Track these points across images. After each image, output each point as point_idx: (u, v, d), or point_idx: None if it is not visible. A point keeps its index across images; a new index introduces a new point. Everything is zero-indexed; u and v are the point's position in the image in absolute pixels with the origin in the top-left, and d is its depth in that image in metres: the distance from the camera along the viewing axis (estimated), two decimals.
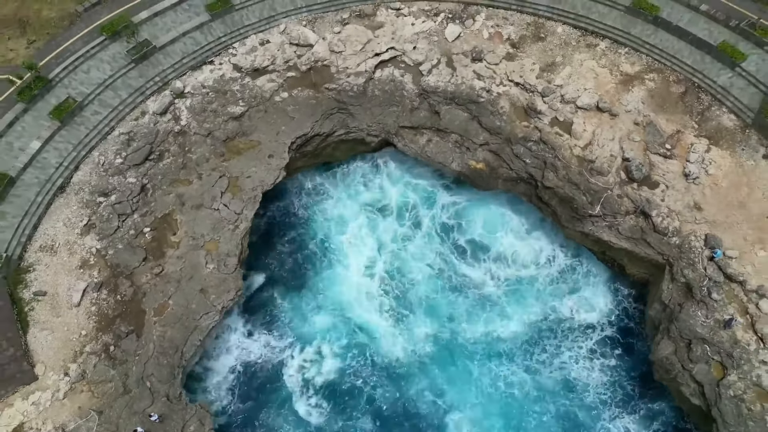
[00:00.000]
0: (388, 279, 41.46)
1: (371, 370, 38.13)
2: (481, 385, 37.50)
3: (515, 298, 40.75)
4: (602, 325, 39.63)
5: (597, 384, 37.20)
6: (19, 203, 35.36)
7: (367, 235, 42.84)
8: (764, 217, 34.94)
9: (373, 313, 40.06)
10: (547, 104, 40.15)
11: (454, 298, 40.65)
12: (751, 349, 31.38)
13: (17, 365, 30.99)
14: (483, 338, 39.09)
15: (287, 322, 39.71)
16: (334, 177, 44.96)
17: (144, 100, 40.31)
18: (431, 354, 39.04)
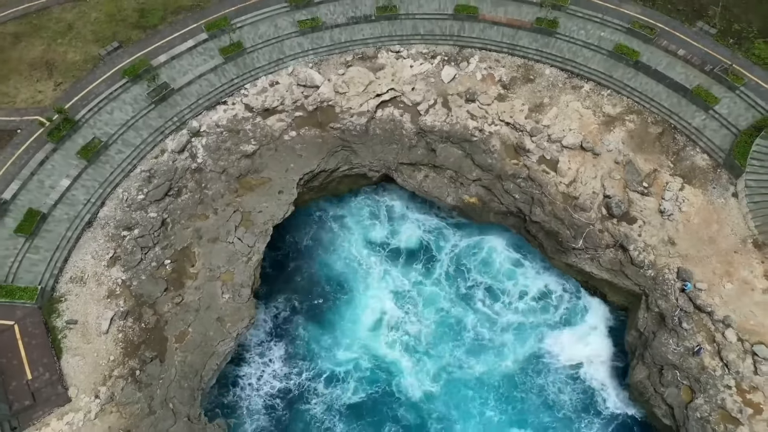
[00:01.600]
0: (393, 306, 44.89)
1: (385, 397, 41.18)
2: (477, 408, 40.73)
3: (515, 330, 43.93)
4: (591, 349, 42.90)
5: (579, 403, 40.37)
6: (50, 238, 38.67)
7: (370, 259, 46.24)
8: (732, 252, 38.24)
9: (384, 344, 43.32)
10: (535, 143, 43.51)
11: (461, 326, 44.10)
12: (717, 375, 34.66)
13: (53, 389, 34.23)
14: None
15: (302, 352, 42.83)
16: (340, 209, 48.35)
17: (163, 139, 43.65)
18: (439, 385, 42.15)
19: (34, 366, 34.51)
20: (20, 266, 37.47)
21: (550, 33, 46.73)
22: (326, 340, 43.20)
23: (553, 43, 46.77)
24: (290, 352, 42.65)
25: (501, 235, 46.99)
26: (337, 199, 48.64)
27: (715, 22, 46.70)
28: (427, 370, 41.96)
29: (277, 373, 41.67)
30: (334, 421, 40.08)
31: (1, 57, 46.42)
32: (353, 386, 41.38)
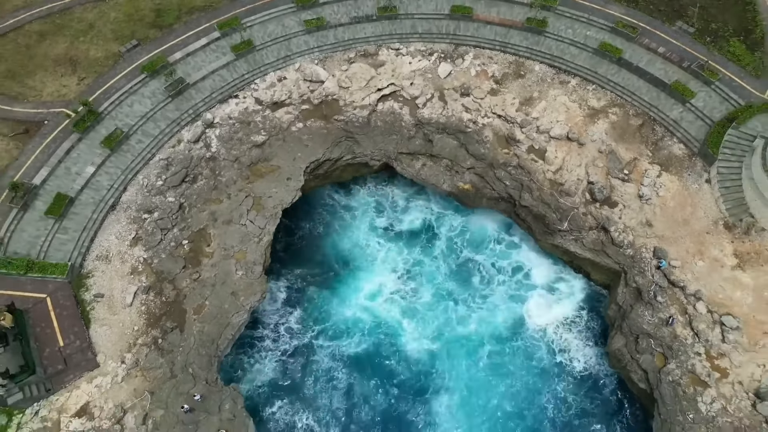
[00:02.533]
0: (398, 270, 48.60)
1: (385, 352, 44.86)
2: (467, 364, 44.35)
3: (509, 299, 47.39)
4: (573, 322, 46.28)
5: (560, 368, 43.74)
6: (78, 220, 42.04)
7: (371, 238, 49.86)
8: (704, 232, 41.61)
9: (388, 308, 46.88)
10: (525, 134, 46.86)
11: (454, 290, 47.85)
12: (688, 343, 38.02)
13: (83, 355, 37.57)
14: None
15: (310, 316, 46.47)
16: (344, 194, 51.76)
17: (179, 130, 46.97)
18: (433, 343, 45.66)
19: (65, 334, 37.88)
20: (50, 245, 40.83)
21: (540, 32, 50.11)
22: (332, 306, 46.85)
23: (543, 41, 50.14)
24: (300, 316, 46.39)
25: (493, 219, 50.35)
26: (341, 186, 51.98)
27: (693, 21, 50.09)
28: (423, 331, 45.63)
29: (288, 334, 45.44)
30: (340, 372, 43.85)
31: (28, 54, 49.76)
32: (357, 343, 45.29)
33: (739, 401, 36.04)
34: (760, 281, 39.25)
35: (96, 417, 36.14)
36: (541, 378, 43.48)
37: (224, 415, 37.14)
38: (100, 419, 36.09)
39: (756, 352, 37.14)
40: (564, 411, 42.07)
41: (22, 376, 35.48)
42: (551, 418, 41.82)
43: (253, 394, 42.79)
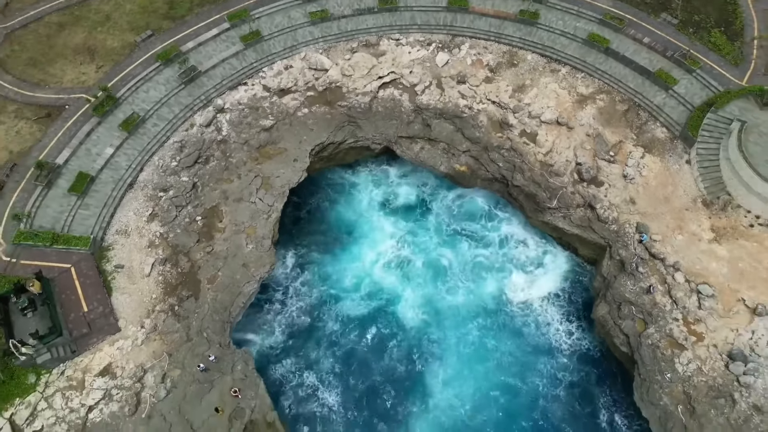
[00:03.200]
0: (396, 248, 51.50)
1: (383, 314, 48.00)
2: (458, 330, 47.31)
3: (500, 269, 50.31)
4: (560, 293, 49.14)
5: (552, 336, 46.62)
6: (98, 197, 44.94)
7: (372, 213, 52.92)
8: (684, 209, 44.53)
9: (386, 275, 50.00)
10: (517, 119, 49.78)
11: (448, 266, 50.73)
12: (667, 310, 40.94)
13: (105, 320, 40.44)
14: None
15: (316, 282, 49.58)
16: (347, 175, 54.68)
17: (192, 115, 49.86)
18: (426, 307, 48.70)
19: (89, 301, 40.77)
20: (73, 220, 43.74)
21: (532, 23, 53.03)
22: (336, 274, 49.82)
23: (535, 32, 53.05)
24: (306, 282, 49.43)
25: (486, 198, 53.26)
26: (344, 167, 54.84)
27: (677, 13, 53.02)
28: (416, 298, 48.50)
29: (295, 299, 48.41)
30: (343, 334, 46.90)
31: (48, 43, 52.68)
32: (357, 308, 48.23)
33: (713, 362, 38.94)
34: (735, 253, 42.17)
35: (118, 376, 39.02)
36: (527, 345, 46.25)
37: (236, 375, 40.07)
38: (122, 378, 38.98)
39: (730, 318, 40.05)
40: (550, 375, 44.85)
41: (50, 338, 38.36)
42: (538, 380, 44.62)
43: (263, 354, 45.72)
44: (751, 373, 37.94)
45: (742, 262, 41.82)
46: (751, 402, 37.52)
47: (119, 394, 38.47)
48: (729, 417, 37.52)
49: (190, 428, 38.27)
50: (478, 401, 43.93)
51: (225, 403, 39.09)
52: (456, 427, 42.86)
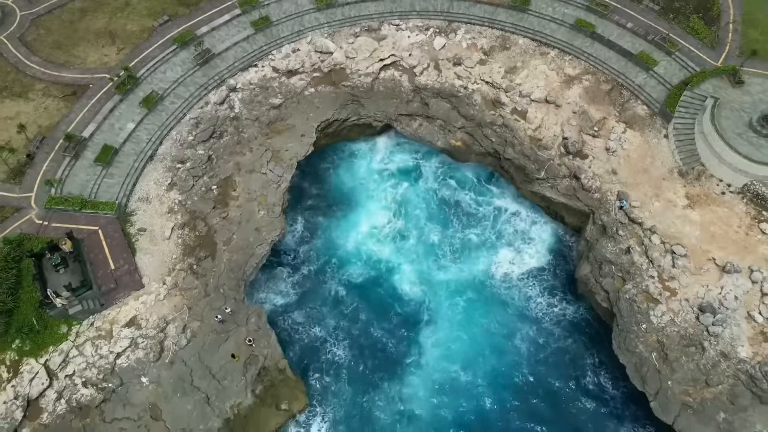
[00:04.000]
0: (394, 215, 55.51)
1: (380, 273, 52.03)
2: (449, 287, 51.33)
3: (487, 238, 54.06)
4: (547, 258, 52.94)
5: (539, 295, 50.42)
6: (122, 167, 48.73)
7: (373, 184, 56.86)
8: (661, 179, 48.32)
9: (382, 243, 53.91)
10: (509, 98, 53.55)
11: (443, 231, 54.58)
12: (643, 268, 44.72)
13: (130, 277, 44.23)
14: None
15: (324, 247, 53.39)
16: (350, 150, 58.57)
17: (207, 94, 53.60)
18: (421, 271, 52.47)
19: (115, 260, 44.56)
20: (99, 188, 47.52)
21: (524, 10, 56.78)
22: (340, 239, 53.58)
23: (526, 18, 56.82)
24: (313, 247, 53.18)
25: (479, 172, 57.07)
26: (348, 143, 58.51)
27: (659, 0, 56.73)
28: (411, 264, 52.29)
29: (303, 261, 52.21)
30: (346, 294, 50.84)
31: (72, 28, 56.41)
32: (359, 271, 52.05)
33: (685, 314, 42.76)
34: (706, 218, 45.98)
35: (143, 327, 42.82)
36: (515, 305, 49.95)
37: (250, 327, 43.88)
38: (146, 329, 42.79)
39: (700, 275, 43.85)
40: (535, 333, 48.49)
41: (81, 291, 42.12)
42: (524, 338, 48.36)
43: (274, 311, 49.39)
44: (719, 323, 41.75)
45: (714, 226, 45.64)
46: (719, 349, 41.33)
47: (144, 342, 42.28)
48: (698, 363, 41.35)
49: (209, 373, 42.10)
50: (467, 359, 47.63)
51: (240, 351, 42.92)
52: (446, 380, 46.62)
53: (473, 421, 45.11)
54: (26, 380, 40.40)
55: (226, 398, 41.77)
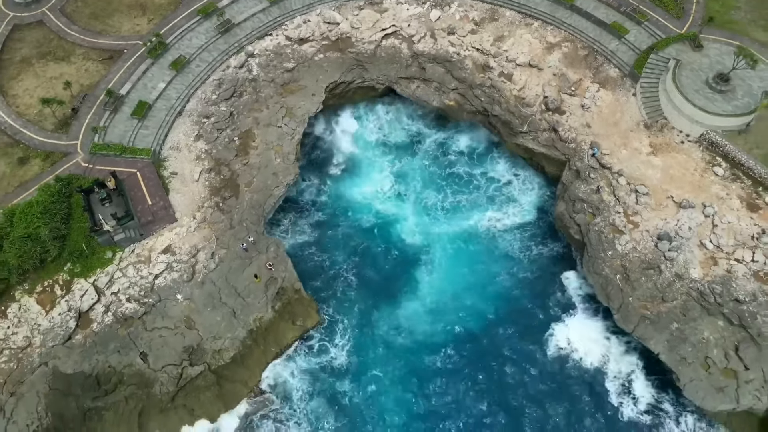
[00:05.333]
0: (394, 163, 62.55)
1: (384, 226, 58.78)
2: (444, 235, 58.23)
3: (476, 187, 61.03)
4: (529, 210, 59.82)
5: (521, 238, 57.31)
6: (155, 120, 55.36)
7: (374, 142, 63.86)
8: (629, 131, 54.89)
9: (384, 197, 60.75)
10: (497, 63, 60.15)
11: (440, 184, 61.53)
12: (611, 205, 51.32)
13: (165, 212, 50.84)
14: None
15: (329, 198, 60.40)
16: (354, 110, 65.35)
17: (228, 58, 60.16)
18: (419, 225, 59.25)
19: (152, 197, 51.20)
20: (136, 137, 54.18)
21: None
22: (345, 189, 60.51)
23: None
24: (324, 194, 60.38)
25: (471, 131, 63.84)
26: (352, 104, 65.13)
27: None
28: (413, 213, 59.17)
29: (315, 208, 59.17)
30: (353, 235, 57.75)
31: (106, 1, 62.98)
32: (366, 218, 58.88)
33: (645, 243, 49.43)
34: (667, 163, 52.60)
35: (177, 254, 49.52)
36: (499, 246, 57.03)
37: (270, 255, 50.60)
38: (180, 255, 49.49)
39: (660, 210, 50.48)
40: (517, 267, 55.60)
41: (125, 220, 48.79)
42: (507, 270, 55.37)
43: (290, 245, 56.21)
44: (674, 250, 48.42)
45: (673, 170, 52.27)
46: (674, 271, 48.03)
47: (178, 266, 49.03)
48: (656, 283, 48.08)
49: (235, 291, 48.91)
50: (456, 287, 54.93)
51: (261, 274, 49.68)
52: (437, 304, 54.01)
53: (460, 333, 52.63)
54: (78, 296, 47.17)
55: (249, 313, 48.61)
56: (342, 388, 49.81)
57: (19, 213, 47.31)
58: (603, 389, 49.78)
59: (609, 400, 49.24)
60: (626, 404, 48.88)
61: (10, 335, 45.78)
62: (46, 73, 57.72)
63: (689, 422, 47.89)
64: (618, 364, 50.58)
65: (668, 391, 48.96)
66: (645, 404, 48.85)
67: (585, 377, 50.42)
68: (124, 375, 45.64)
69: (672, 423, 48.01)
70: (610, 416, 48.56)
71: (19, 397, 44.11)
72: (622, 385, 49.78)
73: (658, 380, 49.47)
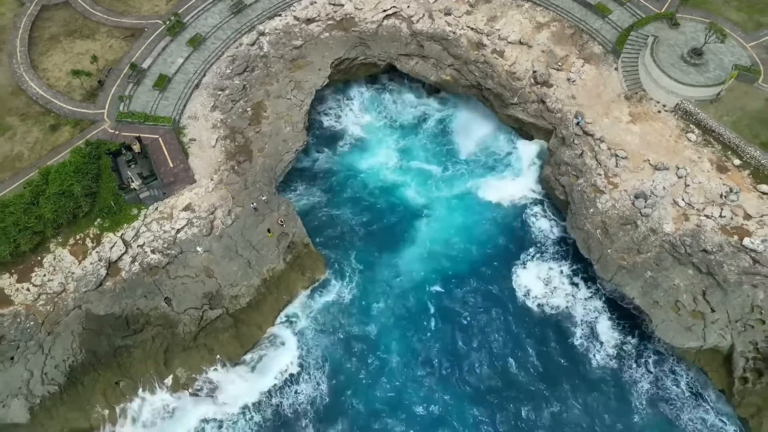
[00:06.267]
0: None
1: (386, 190, 63.82)
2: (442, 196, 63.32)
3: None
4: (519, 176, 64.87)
5: (512, 192, 62.57)
6: (175, 92, 60.13)
7: (376, 114, 69.27)
8: (610, 102, 59.62)
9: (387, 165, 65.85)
10: (490, 41, 64.88)
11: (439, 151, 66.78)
12: (593, 168, 56.12)
13: (185, 174, 55.61)
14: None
15: (336, 164, 65.70)
16: (358, 85, 70.11)
17: (240, 37, 64.91)
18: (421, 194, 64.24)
19: (173, 160, 56.01)
20: (158, 107, 58.94)
21: None
22: (350, 158, 65.52)
23: None
24: (331, 159, 65.32)
25: (465, 105, 68.68)
26: (356, 80, 69.96)
27: None
28: (414, 180, 64.21)
29: (321, 174, 64.34)
30: (361, 195, 63.06)
31: None
32: (370, 185, 63.91)
33: (624, 201, 54.18)
34: (645, 130, 57.32)
35: (196, 211, 54.28)
36: (492, 206, 62.32)
37: (281, 212, 55.42)
38: (199, 212, 54.23)
39: (637, 173, 55.22)
40: (507, 221, 60.75)
41: (150, 180, 53.60)
42: (499, 226, 60.57)
43: (300, 205, 61.22)
44: (649, 207, 53.16)
45: (650, 136, 57.02)
46: (649, 227, 52.79)
47: (198, 222, 53.81)
48: (632, 236, 52.86)
49: (250, 244, 53.74)
50: (450, 239, 60.27)
51: (274, 229, 54.49)
52: (433, 252, 59.44)
53: (453, 275, 58.20)
54: (107, 248, 51.99)
55: (263, 263, 53.48)
56: (348, 327, 55.04)
57: (53, 172, 52.03)
58: (570, 331, 55.05)
59: (575, 342, 54.47)
60: (593, 347, 54.06)
61: (47, 282, 50.54)
62: (73, 49, 62.53)
63: (650, 364, 53.07)
64: (585, 309, 56.00)
65: (634, 334, 54.42)
66: (611, 347, 54.04)
67: (554, 318, 55.77)
68: (151, 317, 50.47)
69: (634, 364, 53.13)
70: (579, 354, 53.91)
71: (56, 336, 48.94)
72: (590, 328, 55.12)
73: (624, 324, 55.08)
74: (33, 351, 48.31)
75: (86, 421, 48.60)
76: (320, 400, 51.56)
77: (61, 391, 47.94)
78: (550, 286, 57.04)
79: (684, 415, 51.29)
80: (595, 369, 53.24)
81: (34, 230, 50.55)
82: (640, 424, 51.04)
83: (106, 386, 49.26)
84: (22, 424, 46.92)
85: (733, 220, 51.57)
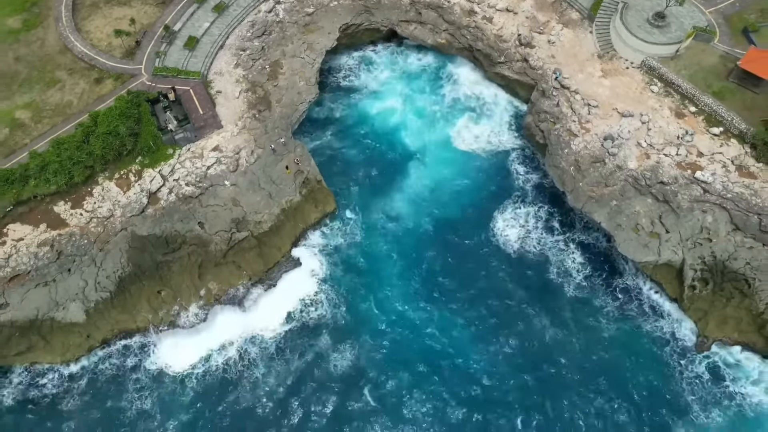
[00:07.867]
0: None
1: (387, 142, 72.16)
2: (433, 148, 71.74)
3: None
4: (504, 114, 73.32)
5: (497, 143, 70.72)
6: (202, 51, 68.41)
7: (379, 74, 77.49)
8: (585, 60, 67.92)
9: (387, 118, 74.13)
10: (480, 9, 73.09)
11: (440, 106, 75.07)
12: (569, 115, 64.42)
13: (214, 120, 63.91)
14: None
15: (350, 114, 73.99)
16: (363, 48, 78.50)
17: (259, 4, 73.04)
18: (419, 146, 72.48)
19: (203, 108, 64.27)
20: (188, 64, 67.23)
21: None
22: (355, 114, 73.88)
23: None
24: (341, 113, 73.72)
25: (459, 64, 77.10)
26: (361, 44, 78.26)
27: None
28: (411, 129, 72.69)
29: (333, 123, 72.76)
30: (365, 143, 71.38)
31: None
32: (375, 131, 72.36)
33: (594, 143, 62.51)
34: (614, 83, 65.62)
35: (224, 151, 62.55)
36: (480, 148, 70.65)
37: (297, 153, 63.85)
38: (226, 152, 62.49)
39: (606, 119, 63.52)
40: (491, 162, 69.09)
41: (184, 123, 61.94)
42: (484, 168, 69.01)
43: (313, 146, 69.77)
44: (616, 147, 61.45)
45: (618, 89, 65.31)
46: (615, 164, 61.08)
47: (225, 160, 62.09)
48: (601, 172, 61.19)
49: (270, 179, 62.15)
50: (438, 179, 68.70)
51: (291, 167, 62.89)
52: (421, 190, 68.05)
53: (439, 212, 66.46)
54: (147, 181, 60.28)
55: (282, 195, 61.91)
56: (351, 252, 63.86)
57: (102, 115, 60.30)
58: (545, 267, 63.09)
59: (551, 277, 62.45)
60: (566, 281, 62.00)
61: (97, 208, 58.87)
62: (112, 14, 70.81)
63: (617, 292, 61.25)
64: (559, 250, 64.11)
65: (603, 268, 62.70)
66: (582, 279, 62.15)
67: (531, 256, 63.86)
68: (187, 237, 58.86)
69: (602, 293, 61.33)
70: (555, 285, 61.99)
71: (107, 252, 57.35)
72: (564, 266, 63.11)
73: (595, 262, 63.31)
74: (87, 264, 56.72)
75: (133, 322, 57.09)
76: (331, 312, 60.09)
77: (111, 297, 56.41)
78: (527, 226, 65.27)
79: (646, 325, 59.61)
80: (568, 297, 61.07)
81: (85, 164, 58.81)
82: (607, 337, 59.31)
83: (150, 294, 57.70)
84: (79, 323, 55.40)
85: (688, 158, 59.90)
